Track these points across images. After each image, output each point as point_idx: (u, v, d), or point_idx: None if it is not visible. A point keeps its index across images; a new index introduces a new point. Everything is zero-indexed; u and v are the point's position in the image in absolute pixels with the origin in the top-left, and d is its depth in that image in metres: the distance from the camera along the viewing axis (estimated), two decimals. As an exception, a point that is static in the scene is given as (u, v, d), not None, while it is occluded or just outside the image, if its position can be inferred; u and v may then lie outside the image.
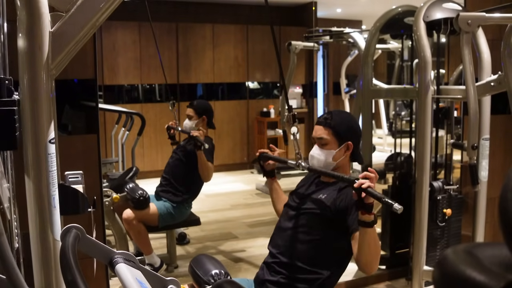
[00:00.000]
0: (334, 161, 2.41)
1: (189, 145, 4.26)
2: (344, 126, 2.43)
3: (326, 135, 2.41)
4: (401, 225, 4.07)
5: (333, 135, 2.40)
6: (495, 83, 3.09)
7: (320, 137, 2.42)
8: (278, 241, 2.43)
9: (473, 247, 0.69)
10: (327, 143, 2.41)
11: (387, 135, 9.11)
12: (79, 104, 2.93)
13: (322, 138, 2.41)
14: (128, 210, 3.94)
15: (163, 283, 1.26)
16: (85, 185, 1.77)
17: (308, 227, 2.34)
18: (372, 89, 4.33)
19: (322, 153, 2.41)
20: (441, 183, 3.48)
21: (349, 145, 2.41)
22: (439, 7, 3.27)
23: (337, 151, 2.40)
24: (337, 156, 2.41)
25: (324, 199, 2.35)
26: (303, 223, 2.36)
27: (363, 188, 1.97)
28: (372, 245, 2.08)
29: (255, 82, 8.89)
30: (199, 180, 4.28)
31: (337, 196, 2.32)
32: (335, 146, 2.40)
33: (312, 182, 2.52)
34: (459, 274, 0.61)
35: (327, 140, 2.40)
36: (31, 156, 1.41)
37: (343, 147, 2.41)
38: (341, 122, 2.43)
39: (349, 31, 5.89)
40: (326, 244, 2.31)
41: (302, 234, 2.35)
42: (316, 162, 2.43)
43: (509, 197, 0.53)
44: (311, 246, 2.31)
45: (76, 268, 0.99)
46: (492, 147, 3.40)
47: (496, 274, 0.59)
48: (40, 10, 1.37)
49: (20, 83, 1.39)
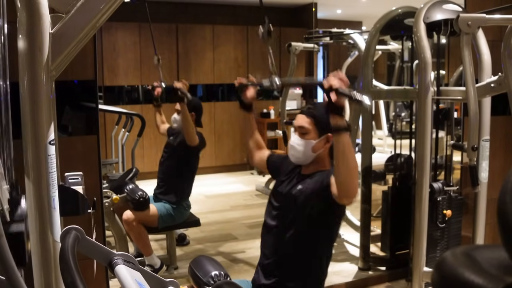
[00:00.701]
0: (313, 152, 2.37)
1: (176, 138, 4.27)
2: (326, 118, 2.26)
3: (307, 124, 2.37)
4: (401, 226, 4.07)
5: (314, 125, 2.36)
6: (495, 84, 3.09)
7: (301, 126, 2.38)
8: (267, 240, 2.45)
9: (471, 249, 0.68)
10: (307, 133, 2.36)
11: (387, 136, 9.10)
12: (79, 105, 2.93)
13: (303, 127, 2.37)
14: (128, 211, 3.94)
15: (162, 285, 1.26)
16: (85, 186, 1.77)
17: (290, 221, 2.34)
18: (372, 90, 4.33)
19: (301, 142, 2.37)
20: (441, 184, 3.47)
21: (329, 137, 2.34)
22: (439, 8, 3.27)
23: (316, 142, 2.36)
24: (316, 147, 2.37)
25: (302, 189, 2.34)
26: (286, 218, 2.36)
27: (333, 88, 1.89)
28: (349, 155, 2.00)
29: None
30: (189, 176, 4.28)
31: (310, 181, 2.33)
32: (315, 136, 2.36)
33: (294, 177, 2.49)
34: (458, 276, 0.61)
35: (308, 129, 2.36)
36: (31, 157, 1.41)
37: (323, 139, 2.36)
38: (324, 113, 2.33)
39: (349, 32, 5.89)
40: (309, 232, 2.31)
41: (287, 230, 2.35)
42: (295, 152, 2.40)
43: (507, 200, 0.53)
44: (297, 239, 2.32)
45: (75, 270, 0.99)
46: (492, 148, 3.40)
47: (494, 276, 0.59)
48: (40, 12, 1.37)
49: (20, 84, 1.39)
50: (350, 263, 4.42)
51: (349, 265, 4.37)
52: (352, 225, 4.90)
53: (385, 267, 4.24)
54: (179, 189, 4.26)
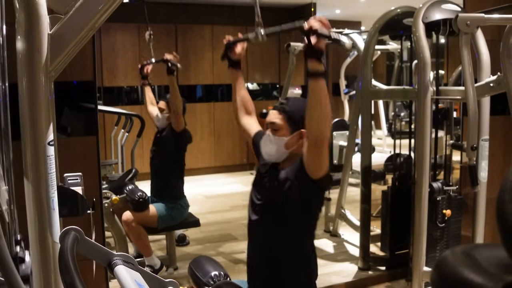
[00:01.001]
0: (286, 149, 2.29)
1: (161, 134, 4.28)
2: (299, 113, 2.24)
3: (279, 120, 2.29)
4: (400, 226, 4.08)
5: (286, 121, 2.28)
6: (494, 84, 3.09)
7: (272, 122, 2.31)
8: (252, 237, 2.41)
9: (471, 248, 0.68)
10: (279, 129, 2.28)
11: (387, 136, 9.10)
12: (78, 106, 2.93)
13: (274, 123, 2.30)
14: (128, 212, 3.94)
15: (162, 285, 1.26)
16: (85, 187, 1.77)
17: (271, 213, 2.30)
18: (372, 90, 4.34)
19: (272, 139, 2.29)
20: (441, 184, 3.48)
21: (302, 133, 2.24)
22: (438, 8, 3.28)
23: (289, 138, 2.27)
24: (289, 144, 2.28)
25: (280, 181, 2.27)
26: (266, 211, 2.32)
27: (313, 30, 1.84)
28: (323, 100, 1.95)
29: (254, 83, 8.89)
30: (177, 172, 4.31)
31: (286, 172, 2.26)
32: (287, 133, 2.28)
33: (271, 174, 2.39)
34: (458, 275, 0.61)
35: (280, 125, 2.28)
36: (30, 158, 1.41)
37: (296, 135, 2.27)
38: (297, 109, 2.28)
39: (348, 32, 5.89)
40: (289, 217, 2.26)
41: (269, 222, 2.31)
42: (267, 149, 2.33)
43: (506, 199, 0.53)
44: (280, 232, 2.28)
45: (74, 270, 0.99)
46: (491, 148, 3.40)
47: (494, 275, 0.59)
48: (38, 12, 1.37)
49: (19, 85, 1.39)
50: (350, 263, 4.42)
51: (349, 265, 4.37)
52: (351, 225, 4.90)
53: (385, 267, 4.24)
54: (171, 187, 4.25)
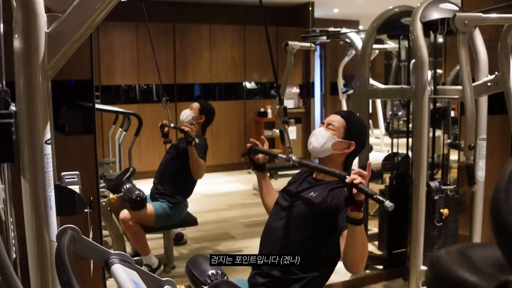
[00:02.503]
0: (332, 149, 2.38)
1: (181, 143, 4.26)
2: (357, 127, 2.45)
3: (337, 123, 2.40)
4: (398, 225, 4.08)
5: (343, 127, 2.39)
6: (491, 83, 3.10)
7: (330, 122, 2.42)
8: (268, 241, 2.40)
9: (466, 247, 0.69)
10: (334, 129, 2.39)
11: (384, 135, 9.12)
12: (76, 104, 2.93)
13: (332, 124, 2.40)
14: (125, 211, 3.94)
15: (159, 284, 1.26)
16: (82, 186, 1.77)
17: (297, 227, 2.31)
18: (369, 89, 4.34)
19: (325, 134, 2.38)
20: (438, 183, 3.48)
21: (351, 145, 2.38)
22: (436, 7, 3.28)
23: (339, 141, 2.37)
24: (336, 146, 2.37)
25: (315, 198, 2.31)
26: (293, 223, 2.33)
27: (354, 184, 1.93)
28: (360, 244, 2.04)
29: (252, 82, 8.90)
30: (191, 178, 4.28)
31: (328, 195, 2.28)
32: (340, 136, 2.38)
33: (304, 179, 2.48)
34: (452, 274, 0.61)
35: (336, 127, 2.39)
36: (27, 157, 1.41)
37: (346, 142, 2.38)
38: (356, 122, 2.47)
39: (346, 31, 5.89)
40: (315, 244, 2.28)
41: (292, 234, 2.31)
42: (314, 140, 2.40)
43: (501, 198, 0.53)
44: (300, 246, 2.28)
45: (71, 269, 0.99)
46: (489, 147, 3.40)
47: (488, 274, 0.59)
48: (36, 11, 1.37)
49: (16, 84, 1.39)
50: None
51: (346, 264, 4.38)
52: (349, 224, 4.89)
53: (382, 266, 4.24)
54: (181, 191, 4.25)
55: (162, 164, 4.43)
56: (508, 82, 3.02)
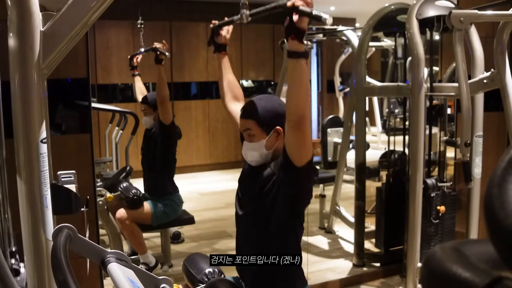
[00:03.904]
0: (268, 150, 2.24)
1: (151, 131, 4.28)
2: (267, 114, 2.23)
3: (251, 125, 2.24)
4: (395, 222, 4.09)
5: (258, 125, 2.22)
6: (488, 80, 3.10)
7: (244, 130, 2.27)
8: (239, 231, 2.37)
9: (460, 244, 0.69)
10: (254, 135, 2.24)
11: (381, 132, 9.12)
12: (72, 103, 2.92)
13: (246, 131, 2.25)
14: (122, 210, 3.94)
15: (155, 282, 1.26)
16: (78, 185, 1.76)
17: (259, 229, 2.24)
18: (366, 86, 4.34)
19: (252, 146, 2.25)
20: (435, 180, 3.49)
21: (278, 130, 2.21)
22: (432, 4, 3.28)
23: (267, 140, 2.22)
24: (269, 144, 2.23)
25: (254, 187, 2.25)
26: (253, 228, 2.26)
27: (295, 7, 1.79)
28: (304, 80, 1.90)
29: (249, 80, 8.89)
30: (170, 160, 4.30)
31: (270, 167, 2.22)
32: (264, 136, 2.23)
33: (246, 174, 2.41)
34: (446, 271, 0.61)
35: (253, 130, 2.23)
36: (23, 156, 1.41)
37: (272, 134, 2.21)
38: (262, 110, 2.25)
39: (343, 29, 5.89)
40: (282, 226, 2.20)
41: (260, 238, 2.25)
42: (251, 157, 2.28)
43: (494, 193, 0.53)
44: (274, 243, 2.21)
45: (67, 268, 0.99)
46: (485, 144, 3.41)
47: (482, 271, 0.60)
48: (31, 10, 1.37)
49: (11, 83, 1.39)
50: (344, 259, 4.43)
51: (344, 261, 4.38)
52: (346, 221, 4.91)
53: (379, 263, 4.25)
54: (163, 183, 4.24)
55: (143, 163, 4.46)
56: (504, 79, 3.02)
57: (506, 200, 0.52)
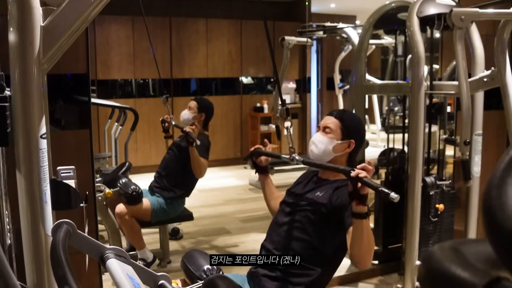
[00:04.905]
0: (333, 152, 2.40)
1: (183, 141, 4.25)
2: (353, 124, 2.48)
3: (333, 125, 2.42)
4: (393, 220, 4.09)
5: (340, 128, 2.42)
6: (488, 78, 3.10)
7: (327, 126, 2.43)
8: (274, 237, 2.42)
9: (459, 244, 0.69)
10: (331, 132, 2.41)
11: (381, 130, 9.12)
12: (72, 99, 2.91)
13: (328, 127, 2.43)
14: (121, 205, 3.94)
15: (154, 279, 1.26)
16: (78, 180, 1.76)
17: (303, 224, 2.33)
18: (366, 84, 4.34)
19: (323, 139, 2.41)
20: (434, 179, 3.49)
21: (351, 143, 2.42)
22: (433, 2, 3.28)
23: (338, 143, 2.40)
24: (337, 148, 2.40)
25: (320, 197, 2.33)
26: (299, 220, 2.34)
27: (359, 178, 1.95)
28: (366, 238, 2.05)
29: (248, 77, 8.88)
30: (193, 177, 4.27)
31: (333, 193, 2.31)
32: (339, 138, 2.41)
33: (310, 179, 2.51)
34: (444, 270, 0.61)
35: (333, 130, 2.41)
36: (22, 151, 1.41)
37: (345, 142, 2.41)
38: (351, 119, 2.49)
39: (343, 26, 5.89)
40: (320, 241, 2.29)
41: (297, 231, 2.33)
42: (314, 148, 2.42)
43: (493, 195, 0.53)
44: (306, 243, 2.30)
45: (66, 264, 0.99)
46: (484, 142, 3.41)
47: (480, 270, 0.59)
48: (31, 4, 1.37)
49: (11, 78, 1.39)
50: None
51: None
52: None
53: (377, 261, 4.25)
54: (182, 188, 4.26)
55: (164, 160, 4.44)
56: (504, 78, 3.02)
57: (505, 202, 0.52)
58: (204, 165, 4.20)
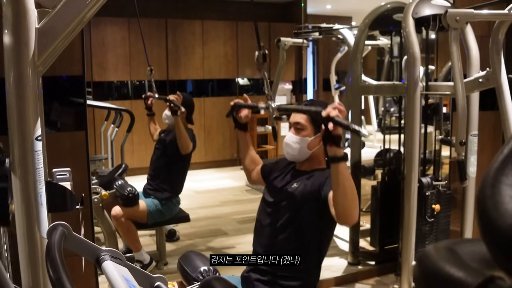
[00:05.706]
0: (309, 150, 2.37)
1: (167, 135, 4.26)
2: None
3: (303, 120, 2.37)
4: (390, 221, 4.09)
5: (310, 122, 2.36)
6: (483, 79, 3.10)
7: (297, 122, 2.38)
8: (260, 239, 2.42)
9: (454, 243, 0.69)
10: (303, 129, 2.37)
11: (377, 131, 9.13)
12: (67, 100, 2.91)
13: (299, 123, 2.38)
14: (117, 207, 3.93)
15: (150, 280, 1.26)
16: (74, 182, 1.76)
17: (285, 220, 2.32)
18: (362, 85, 4.34)
19: (296, 140, 2.37)
20: (430, 179, 3.49)
21: None
22: (428, 3, 3.28)
23: (312, 139, 2.36)
24: (312, 145, 2.37)
25: (297, 188, 2.33)
26: (280, 217, 2.34)
27: (330, 117, 1.89)
28: (347, 185, 1.97)
29: (245, 78, 8.88)
30: (179, 172, 4.27)
31: (308, 180, 2.31)
32: (311, 133, 2.36)
33: (288, 172, 2.49)
34: (439, 270, 0.61)
35: (304, 125, 2.37)
36: (18, 153, 1.41)
37: (318, 136, 2.32)
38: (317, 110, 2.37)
39: (339, 28, 5.89)
40: (305, 232, 2.29)
41: (281, 228, 2.33)
42: (290, 149, 2.40)
43: (487, 194, 0.54)
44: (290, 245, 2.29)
45: (61, 266, 0.98)
46: (480, 143, 3.41)
47: (474, 270, 0.60)
48: (26, 6, 1.37)
49: (6, 80, 1.39)
50: (339, 257, 4.43)
51: (339, 259, 4.39)
52: (341, 220, 4.90)
53: (374, 262, 4.25)
54: (171, 186, 4.25)
55: (152, 160, 4.44)
56: (500, 78, 3.02)
57: (499, 201, 0.52)
58: (187, 139, 4.13)
